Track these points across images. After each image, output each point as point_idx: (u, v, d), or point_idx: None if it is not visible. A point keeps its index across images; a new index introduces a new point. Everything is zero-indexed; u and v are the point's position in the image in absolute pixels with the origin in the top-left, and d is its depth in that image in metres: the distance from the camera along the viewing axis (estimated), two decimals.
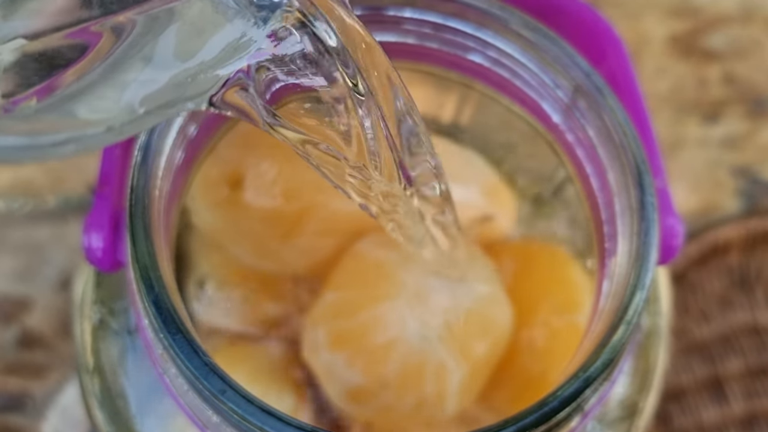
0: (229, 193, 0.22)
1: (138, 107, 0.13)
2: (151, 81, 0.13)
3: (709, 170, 0.38)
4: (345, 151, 0.17)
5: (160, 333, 0.16)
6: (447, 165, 0.23)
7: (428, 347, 0.20)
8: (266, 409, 0.16)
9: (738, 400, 0.35)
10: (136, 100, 0.13)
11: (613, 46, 0.21)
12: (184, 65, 0.13)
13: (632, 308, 0.18)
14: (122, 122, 0.13)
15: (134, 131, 0.14)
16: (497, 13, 0.20)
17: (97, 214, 0.19)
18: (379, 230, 0.22)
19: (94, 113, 0.13)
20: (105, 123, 0.13)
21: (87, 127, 0.13)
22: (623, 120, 0.19)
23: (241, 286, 0.22)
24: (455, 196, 0.22)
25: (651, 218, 0.18)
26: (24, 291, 0.36)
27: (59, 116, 0.13)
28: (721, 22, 0.39)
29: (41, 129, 0.13)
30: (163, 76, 0.13)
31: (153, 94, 0.13)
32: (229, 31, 0.14)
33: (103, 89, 0.13)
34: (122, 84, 0.13)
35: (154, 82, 0.13)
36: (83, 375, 0.21)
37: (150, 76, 0.13)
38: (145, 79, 0.13)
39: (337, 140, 0.17)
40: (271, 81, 0.16)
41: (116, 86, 0.13)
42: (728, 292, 0.36)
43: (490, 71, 0.21)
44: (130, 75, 0.13)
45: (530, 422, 0.17)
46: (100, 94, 0.13)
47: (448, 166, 0.23)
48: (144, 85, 0.13)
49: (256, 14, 0.14)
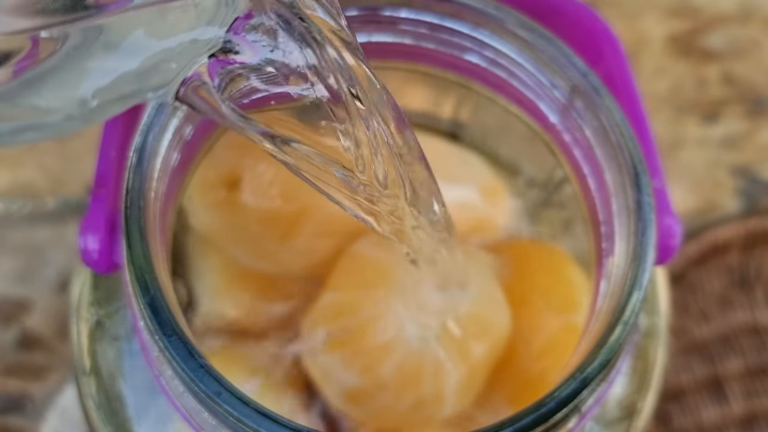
0: (226, 195, 0.22)
1: (91, 99, 0.13)
2: (112, 70, 0.13)
3: (708, 170, 0.38)
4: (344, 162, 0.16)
5: (155, 335, 0.16)
6: (445, 165, 0.23)
7: (426, 348, 0.20)
8: (262, 411, 0.16)
9: (738, 400, 0.35)
10: (89, 92, 0.13)
11: (610, 46, 0.21)
12: (148, 52, 0.13)
13: (629, 308, 0.18)
14: (81, 112, 0.13)
15: (99, 119, 0.14)
16: (493, 13, 0.20)
17: (93, 216, 0.18)
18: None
19: (53, 101, 0.13)
20: (63, 111, 0.13)
21: (46, 115, 0.13)
22: (620, 120, 0.19)
23: (238, 287, 0.22)
24: (453, 197, 0.22)
25: (648, 218, 0.18)
26: (23, 292, 0.36)
27: (14, 105, 0.13)
28: (719, 22, 0.38)
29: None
30: (125, 64, 0.13)
31: (110, 84, 0.13)
32: (196, 27, 0.13)
33: (63, 76, 0.13)
34: (82, 72, 0.13)
35: (113, 72, 0.13)
36: (80, 377, 0.21)
37: (112, 65, 0.13)
38: (105, 68, 0.13)
39: (335, 150, 0.16)
40: (250, 89, 0.16)
41: (76, 74, 0.13)
42: (728, 292, 0.36)
43: (486, 71, 0.21)
44: (91, 63, 0.13)
45: (527, 423, 0.17)
46: (59, 82, 0.13)
47: (445, 167, 0.23)
48: (102, 75, 0.13)
49: (224, 15, 0.14)
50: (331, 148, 0.16)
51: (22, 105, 0.13)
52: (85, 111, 0.13)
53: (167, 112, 0.18)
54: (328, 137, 0.16)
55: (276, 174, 0.22)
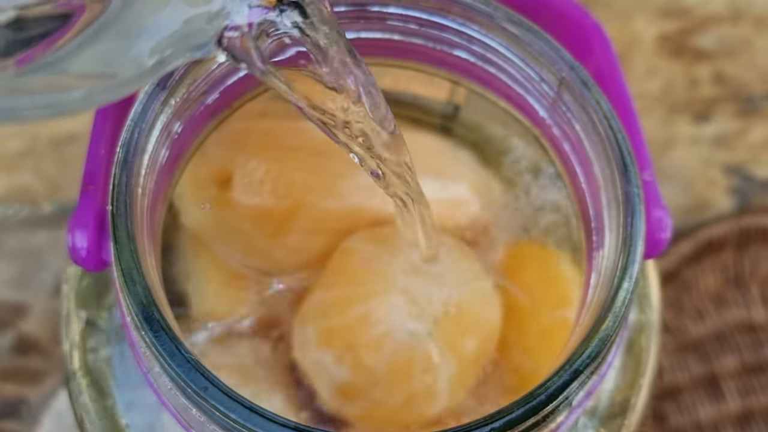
0: (217, 193, 0.22)
1: (147, 58, 0.13)
2: (162, 28, 0.13)
3: (701, 169, 0.38)
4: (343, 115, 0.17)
5: (142, 331, 0.16)
6: (436, 163, 0.23)
7: (417, 344, 0.20)
8: (249, 405, 0.16)
9: (734, 397, 0.34)
10: (146, 50, 0.13)
11: (599, 41, 0.21)
12: (196, 10, 0.14)
13: (619, 300, 0.18)
14: (129, 75, 0.13)
15: (134, 86, 0.14)
16: (482, 8, 0.20)
17: (81, 214, 0.18)
18: (367, 227, 0.22)
19: (102, 66, 0.13)
20: (112, 76, 0.13)
21: (93, 81, 0.13)
22: (608, 113, 0.19)
23: (229, 284, 0.22)
24: (444, 195, 0.22)
25: (637, 209, 0.18)
26: (20, 297, 0.36)
27: (54, 74, 0.13)
28: (710, 21, 0.39)
29: (53, 83, 0.13)
30: (172, 24, 0.14)
31: (162, 41, 0.14)
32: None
33: (110, 41, 0.13)
34: (130, 34, 0.13)
35: (164, 29, 0.14)
36: (71, 374, 0.21)
37: (160, 24, 0.13)
38: (155, 28, 0.13)
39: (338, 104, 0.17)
40: (280, 43, 0.17)
41: (125, 37, 0.13)
42: (723, 290, 0.36)
43: (475, 67, 0.21)
44: (138, 24, 0.13)
45: (518, 416, 0.17)
46: (106, 46, 0.13)
47: (437, 164, 0.23)
48: (155, 34, 0.13)
49: None
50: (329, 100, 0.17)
51: (64, 72, 0.13)
52: (140, 70, 0.13)
53: (155, 108, 0.18)
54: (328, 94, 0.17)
55: (267, 172, 0.22)
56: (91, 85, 0.14)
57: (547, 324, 0.22)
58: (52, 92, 0.13)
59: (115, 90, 0.14)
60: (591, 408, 0.21)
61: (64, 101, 0.13)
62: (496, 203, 0.23)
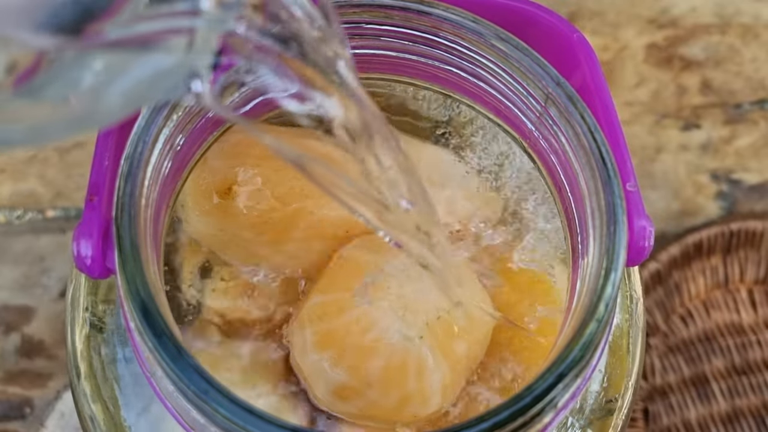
0: (219, 202, 0.23)
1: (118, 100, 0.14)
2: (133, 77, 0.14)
3: (690, 174, 0.39)
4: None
5: (144, 336, 0.17)
6: (433, 170, 0.23)
7: (410, 347, 0.21)
8: (249, 408, 0.17)
9: (722, 397, 0.35)
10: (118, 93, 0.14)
11: (585, 55, 0.22)
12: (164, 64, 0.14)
13: (602, 305, 0.18)
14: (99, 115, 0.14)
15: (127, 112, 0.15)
16: (471, 25, 0.21)
17: (86, 223, 0.19)
18: (364, 235, 0.22)
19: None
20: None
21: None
22: (592, 126, 0.20)
23: (231, 288, 0.22)
24: (440, 201, 0.23)
25: (619, 219, 0.19)
26: (25, 301, 0.37)
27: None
28: (699, 31, 0.39)
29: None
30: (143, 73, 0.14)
31: (133, 87, 0.14)
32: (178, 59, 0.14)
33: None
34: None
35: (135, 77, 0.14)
36: (75, 378, 0.22)
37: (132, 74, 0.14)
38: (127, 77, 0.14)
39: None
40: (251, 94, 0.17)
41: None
42: (711, 292, 0.37)
43: (466, 82, 0.22)
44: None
45: (504, 417, 0.17)
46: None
47: (434, 172, 0.23)
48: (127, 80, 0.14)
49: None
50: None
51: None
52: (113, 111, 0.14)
53: (158, 122, 0.19)
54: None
55: (267, 181, 0.23)
56: (57, 117, 0.14)
57: (538, 327, 0.22)
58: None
59: (76, 126, 0.14)
60: (578, 409, 0.21)
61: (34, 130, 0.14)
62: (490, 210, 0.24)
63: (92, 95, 0.14)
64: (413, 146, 0.23)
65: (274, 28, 0.16)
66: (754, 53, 0.39)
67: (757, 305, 0.37)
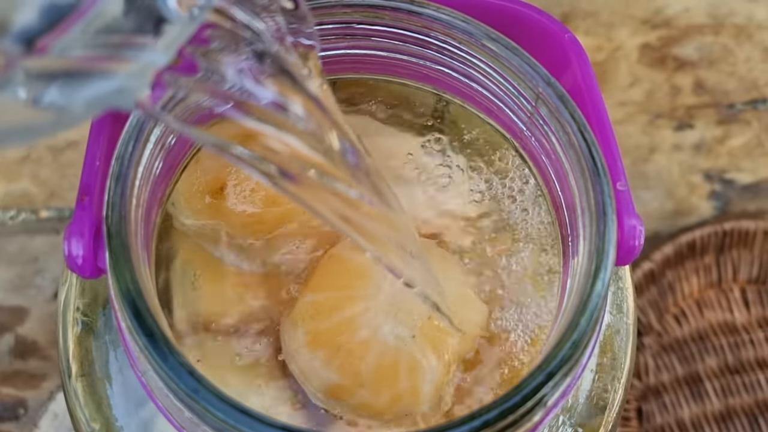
0: (210, 201, 0.23)
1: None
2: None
3: (683, 174, 0.39)
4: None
5: (135, 336, 0.17)
6: (423, 160, 0.23)
7: (402, 346, 0.21)
8: (240, 407, 0.17)
9: (715, 396, 0.35)
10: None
11: (576, 55, 0.22)
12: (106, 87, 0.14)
13: (591, 304, 0.18)
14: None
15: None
16: (462, 25, 0.21)
17: (77, 223, 0.19)
18: None
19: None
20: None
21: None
22: (583, 126, 0.20)
23: (222, 286, 0.22)
24: (430, 193, 0.23)
25: (609, 218, 0.19)
26: (18, 301, 0.37)
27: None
28: (692, 31, 0.39)
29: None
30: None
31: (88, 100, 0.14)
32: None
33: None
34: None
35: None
36: (67, 379, 0.22)
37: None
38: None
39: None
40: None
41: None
42: (705, 292, 0.37)
43: (457, 81, 0.22)
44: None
45: (494, 416, 0.17)
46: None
47: (423, 162, 0.23)
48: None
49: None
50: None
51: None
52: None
53: (149, 123, 0.19)
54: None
55: (258, 180, 0.23)
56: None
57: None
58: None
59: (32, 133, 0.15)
60: (569, 407, 0.21)
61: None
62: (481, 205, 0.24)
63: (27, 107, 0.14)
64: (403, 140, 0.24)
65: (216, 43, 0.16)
66: (748, 53, 0.39)
67: (750, 305, 0.37)
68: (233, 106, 0.16)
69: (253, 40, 0.16)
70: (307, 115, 0.17)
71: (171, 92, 0.16)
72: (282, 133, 0.17)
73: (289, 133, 0.17)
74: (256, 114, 0.16)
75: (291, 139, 0.17)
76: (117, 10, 0.13)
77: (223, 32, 0.16)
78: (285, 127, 0.17)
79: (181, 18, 0.14)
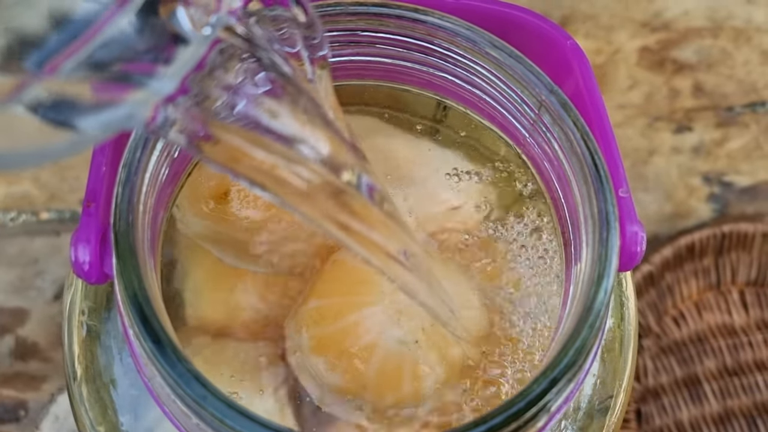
0: (214, 206, 0.23)
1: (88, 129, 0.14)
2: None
3: (682, 177, 0.39)
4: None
5: (143, 342, 0.17)
6: (428, 162, 0.23)
7: (406, 351, 0.21)
8: (246, 413, 0.17)
9: (713, 399, 0.35)
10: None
11: (578, 62, 0.22)
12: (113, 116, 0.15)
13: (594, 311, 0.18)
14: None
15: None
16: (465, 33, 0.21)
17: (84, 230, 0.19)
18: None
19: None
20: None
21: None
22: (585, 134, 0.20)
23: (226, 289, 0.23)
24: (436, 194, 0.23)
25: (612, 226, 0.19)
26: (19, 303, 0.37)
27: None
28: (691, 34, 0.40)
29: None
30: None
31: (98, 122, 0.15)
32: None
33: None
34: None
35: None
36: (72, 383, 0.22)
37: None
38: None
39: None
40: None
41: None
42: (704, 294, 0.37)
43: (460, 88, 0.22)
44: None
45: (499, 422, 0.17)
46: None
47: (429, 163, 0.23)
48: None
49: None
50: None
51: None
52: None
53: None
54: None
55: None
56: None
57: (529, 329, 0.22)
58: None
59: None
60: (572, 412, 0.22)
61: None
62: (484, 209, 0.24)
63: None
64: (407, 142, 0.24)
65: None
66: (746, 56, 0.40)
67: (748, 307, 0.37)
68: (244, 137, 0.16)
69: (262, 57, 0.16)
70: (324, 150, 0.16)
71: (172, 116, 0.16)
72: (292, 165, 0.17)
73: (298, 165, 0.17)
74: (265, 146, 0.16)
75: (301, 170, 0.17)
76: (130, 29, 0.13)
77: (227, 55, 0.16)
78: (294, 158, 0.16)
79: (196, 37, 0.14)
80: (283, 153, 0.16)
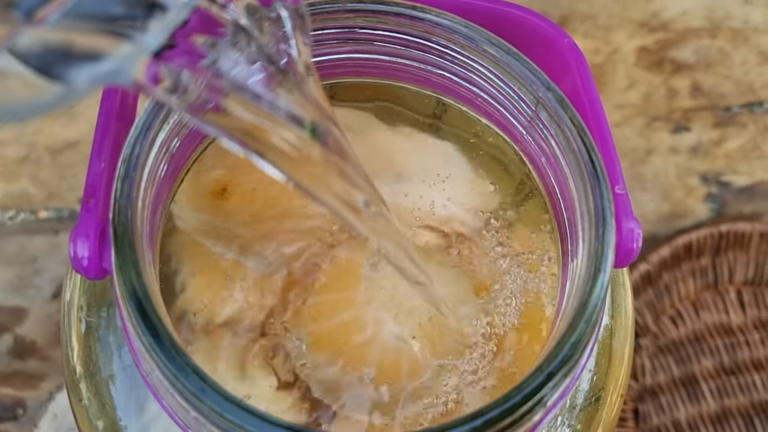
0: (213, 201, 0.23)
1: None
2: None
3: (680, 176, 0.39)
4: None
5: (141, 336, 0.17)
6: (425, 157, 0.24)
7: (403, 347, 0.21)
8: (245, 406, 0.17)
9: (711, 398, 0.36)
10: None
11: (576, 60, 0.22)
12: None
13: (590, 306, 0.19)
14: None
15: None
16: (463, 30, 0.21)
17: (83, 225, 0.19)
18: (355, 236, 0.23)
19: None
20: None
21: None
22: (582, 130, 0.20)
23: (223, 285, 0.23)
24: (433, 190, 0.23)
25: (608, 222, 0.19)
26: (17, 301, 0.37)
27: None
28: (689, 34, 0.40)
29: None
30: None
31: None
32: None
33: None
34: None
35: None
36: (70, 378, 0.22)
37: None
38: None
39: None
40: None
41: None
42: (701, 293, 0.37)
43: (458, 86, 0.22)
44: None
45: (494, 416, 0.18)
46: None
47: (426, 159, 0.24)
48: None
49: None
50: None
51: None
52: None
53: (155, 126, 0.19)
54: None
55: (259, 181, 0.23)
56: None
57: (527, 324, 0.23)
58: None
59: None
60: (567, 408, 0.22)
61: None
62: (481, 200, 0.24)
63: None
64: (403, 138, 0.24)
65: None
66: (744, 57, 0.40)
67: (745, 306, 0.37)
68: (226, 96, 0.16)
69: (248, 29, 0.16)
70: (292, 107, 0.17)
71: (169, 77, 0.16)
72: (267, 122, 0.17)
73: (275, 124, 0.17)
74: (246, 107, 0.17)
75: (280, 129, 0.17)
76: None
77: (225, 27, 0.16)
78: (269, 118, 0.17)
79: (175, 4, 0.15)
80: (271, 119, 0.17)
